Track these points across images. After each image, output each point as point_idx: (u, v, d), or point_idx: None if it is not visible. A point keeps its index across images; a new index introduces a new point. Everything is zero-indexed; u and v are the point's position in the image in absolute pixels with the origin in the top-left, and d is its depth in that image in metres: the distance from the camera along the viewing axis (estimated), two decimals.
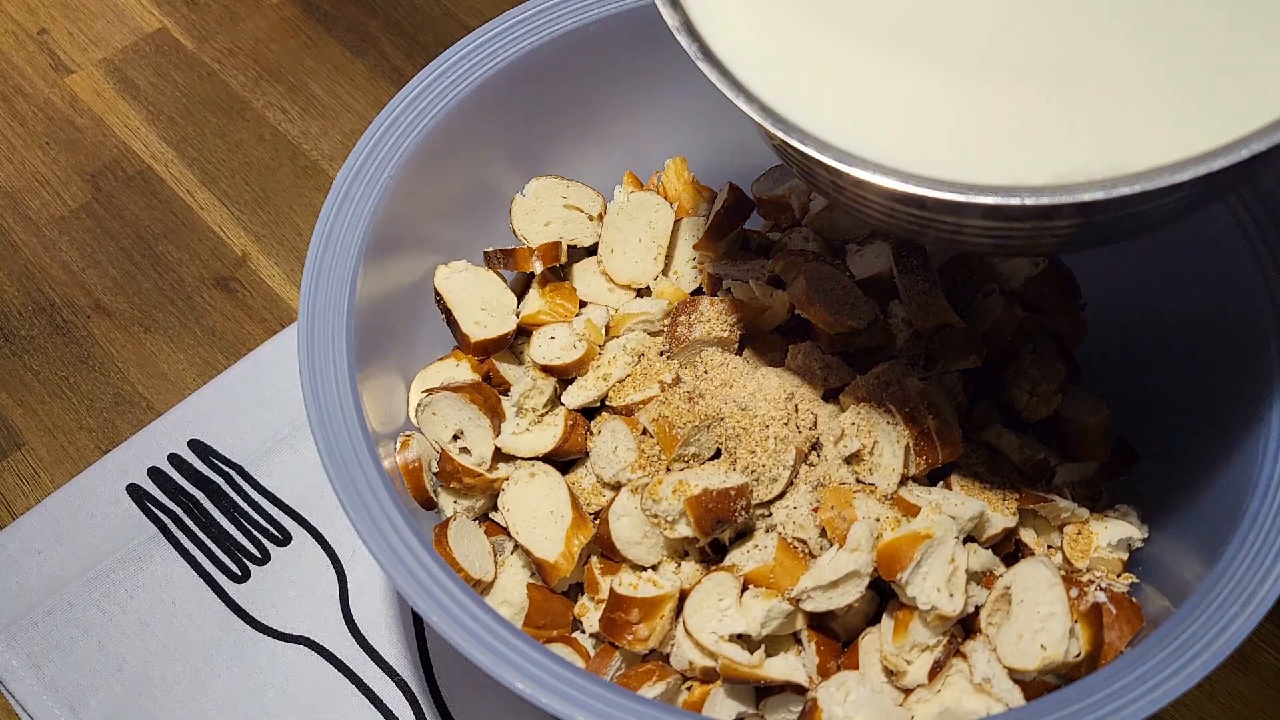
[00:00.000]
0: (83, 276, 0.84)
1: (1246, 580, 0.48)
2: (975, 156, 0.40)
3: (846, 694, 0.52)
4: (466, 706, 0.67)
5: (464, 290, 0.63)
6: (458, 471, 0.58)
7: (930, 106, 0.41)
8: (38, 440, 0.77)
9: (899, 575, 0.51)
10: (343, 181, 0.58)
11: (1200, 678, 0.45)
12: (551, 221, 0.66)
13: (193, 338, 0.82)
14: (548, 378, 0.61)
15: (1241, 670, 0.68)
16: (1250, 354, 0.54)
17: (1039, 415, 0.62)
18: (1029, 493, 0.58)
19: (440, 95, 0.61)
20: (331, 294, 0.55)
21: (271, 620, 0.70)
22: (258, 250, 0.86)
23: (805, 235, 0.68)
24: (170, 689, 0.67)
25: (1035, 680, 0.52)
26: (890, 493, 0.55)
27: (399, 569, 0.48)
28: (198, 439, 0.76)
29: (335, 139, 0.92)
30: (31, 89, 0.94)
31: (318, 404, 0.52)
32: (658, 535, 0.56)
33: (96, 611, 0.69)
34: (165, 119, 0.93)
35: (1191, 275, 0.59)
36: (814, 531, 0.55)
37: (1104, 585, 0.55)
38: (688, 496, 0.53)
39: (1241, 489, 0.52)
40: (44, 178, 0.89)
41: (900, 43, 0.42)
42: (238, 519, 0.73)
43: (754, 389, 0.58)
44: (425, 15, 0.99)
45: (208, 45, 0.97)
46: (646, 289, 0.66)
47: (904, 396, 0.56)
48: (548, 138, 0.67)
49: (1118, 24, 0.41)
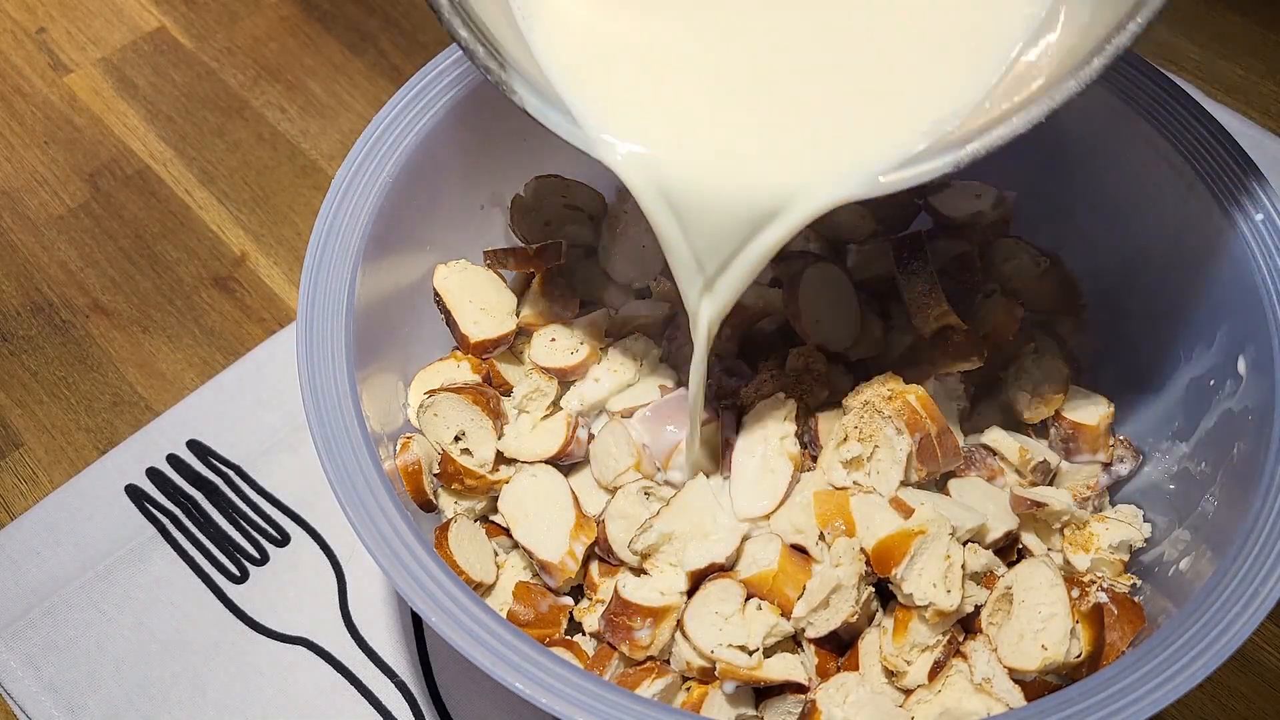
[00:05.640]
0: (81, 276, 0.84)
1: (1248, 581, 0.48)
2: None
3: (846, 695, 0.52)
4: (465, 707, 0.66)
5: (464, 290, 0.63)
6: (459, 473, 0.58)
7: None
8: (36, 440, 0.77)
9: (894, 571, 0.51)
10: (342, 181, 0.58)
11: (1202, 678, 0.45)
12: (551, 221, 0.66)
13: (191, 338, 0.81)
14: (550, 379, 0.61)
15: (1243, 671, 0.68)
16: (1252, 352, 0.54)
17: (1040, 416, 0.62)
18: (1030, 495, 0.58)
19: (439, 94, 0.61)
20: (330, 294, 0.55)
21: (270, 621, 0.70)
22: (256, 250, 0.86)
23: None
24: (169, 690, 0.67)
25: (1036, 680, 0.52)
26: (889, 497, 0.55)
27: (398, 569, 0.48)
28: (196, 439, 0.76)
29: (334, 138, 0.91)
30: (30, 88, 0.94)
31: (317, 404, 0.52)
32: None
33: (95, 612, 0.69)
34: (164, 118, 0.93)
35: (1192, 273, 0.59)
36: (814, 536, 0.54)
37: (1105, 586, 0.55)
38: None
39: (1243, 489, 0.51)
40: (42, 177, 0.89)
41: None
42: (236, 520, 0.73)
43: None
44: (424, 14, 0.99)
45: (206, 44, 0.97)
46: (646, 289, 0.66)
47: (904, 402, 0.56)
48: (547, 137, 0.67)
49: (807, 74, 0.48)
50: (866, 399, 0.57)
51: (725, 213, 0.48)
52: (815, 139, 0.47)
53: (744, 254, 0.48)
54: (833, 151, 0.47)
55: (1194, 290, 0.59)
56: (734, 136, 0.48)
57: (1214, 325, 0.57)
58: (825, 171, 0.47)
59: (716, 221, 0.48)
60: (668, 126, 0.48)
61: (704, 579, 0.54)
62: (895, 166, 0.46)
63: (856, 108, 0.48)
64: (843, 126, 0.47)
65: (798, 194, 0.46)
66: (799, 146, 0.47)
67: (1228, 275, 0.56)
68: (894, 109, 0.47)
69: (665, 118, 0.48)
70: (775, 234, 0.47)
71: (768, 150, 0.48)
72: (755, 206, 0.47)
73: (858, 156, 0.47)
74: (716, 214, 0.48)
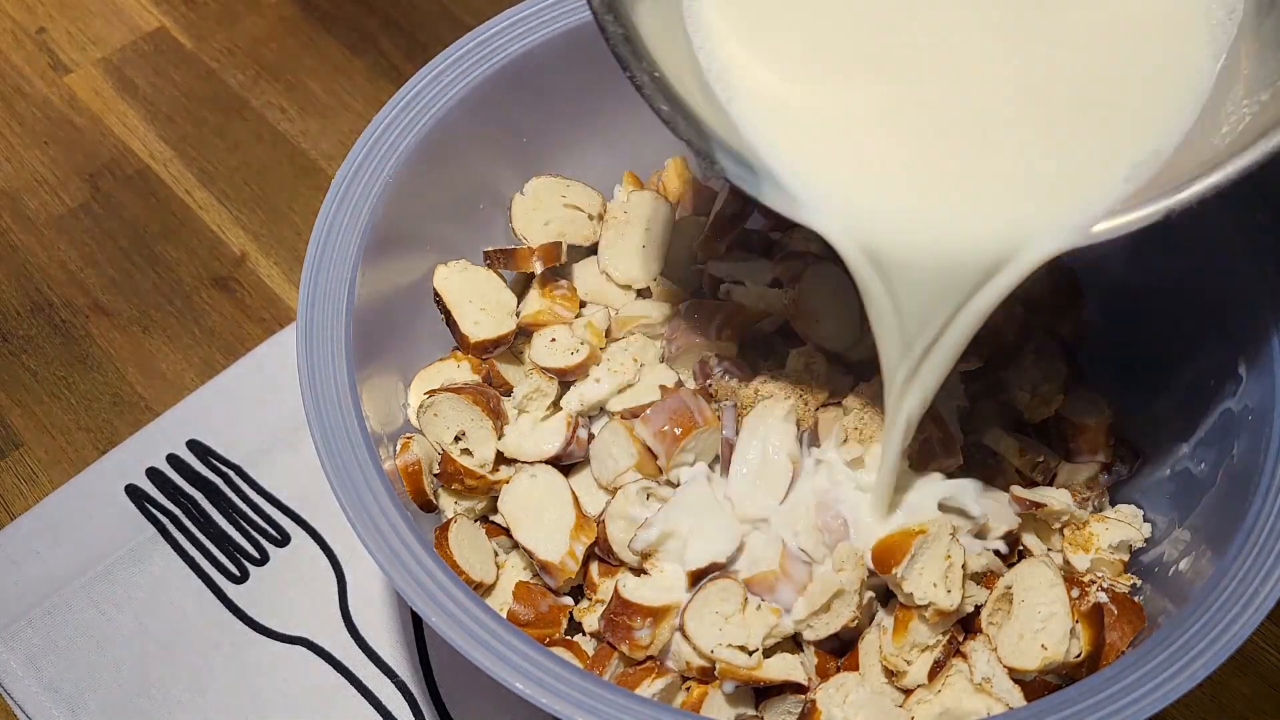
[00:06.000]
0: (81, 276, 0.84)
1: (1248, 580, 0.48)
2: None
3: (845, 695, 0.52)
4: (465, 707, 0.66)
5: (463, 290, 0.63)
6: (460, 473, 0.58)
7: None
8: (36, 440, 0.77)
9: (894, 570, 0.51)
10: (342, 181, 0.58)
11: (1202, 678, 0.45)
12: (551, 221, 0.66)
13: (191, 337, 0.81)
14: (551, 380, 0.61)
15: (1243, 671, 0.68)
16: (1253, 352, 0.54)
17: (1040, 416, 0.62)
18: (1030, 495, 0.58)
19: (439, 94, 0.61)
20: (330, 294, 0.55)
21: (270, 621, 0.70)
22: (256, 250, 0.86)
23: (806, 235, 0.67)
24: (169, 690, 0.67)
25: (1036, 680, 0.52)
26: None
27: (398, 569, 0.48)
28: (196, 439, 0.76)
29: (334, 138, 0.91)
30: (30, 88, 0.94)
31: (317, 404, 0.52)
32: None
33: (95, 612, 0.69)
34: (164, 118, 0.93)
35: (1192, 273, 0.59)
36: (815, 538, 0.54)
37: (1105, 586, 0.55)
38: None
39: (1243, 489, 0.51)
40: (42, 177, 0.89)
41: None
42: (236, 519, 0.73)
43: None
44: (424, 14, 0.99)
45: (206, 44, 0.97)
46: (647, 289, 0.66)
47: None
48: (547, 137, 0.67)
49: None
50: (868, 399, 0.57)
51: (941, 272, 0.47)
52: (1026, 192, 0.47)
53: (955, 323, 0.48)
54: (1045, 202, 0.47)
55: (1194, 290, 0.59)
56: (944, 195, 0.48)
57: (1214, 325, 0.57)
58: (1040, 222, 0.46)
59: (932, 284, 0.48)
60: (876, 189, 0.48)
61: (704, 579, 0.54)
62: (1104, 215, 0.46)
63: (1057, 156, 0.48)
64: (1047, 177, 0.47)
65: (1020, 245, 0.46)
66: (1011, 200, 0.47)
67: (1228, 275, 0.56)
68: (1093, 156, 0.47)
69: (872, 180, 0.48)
70: (993, 291, 0.47)
71: (981, 205, 0.47)
72: (972, 263, 0.47)
73: (1069, 206, 0.46)
74: (932, 275, 0.47)
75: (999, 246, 0.46)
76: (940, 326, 0.48)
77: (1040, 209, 0.47)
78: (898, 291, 0.48)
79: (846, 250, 0.48)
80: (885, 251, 0.47)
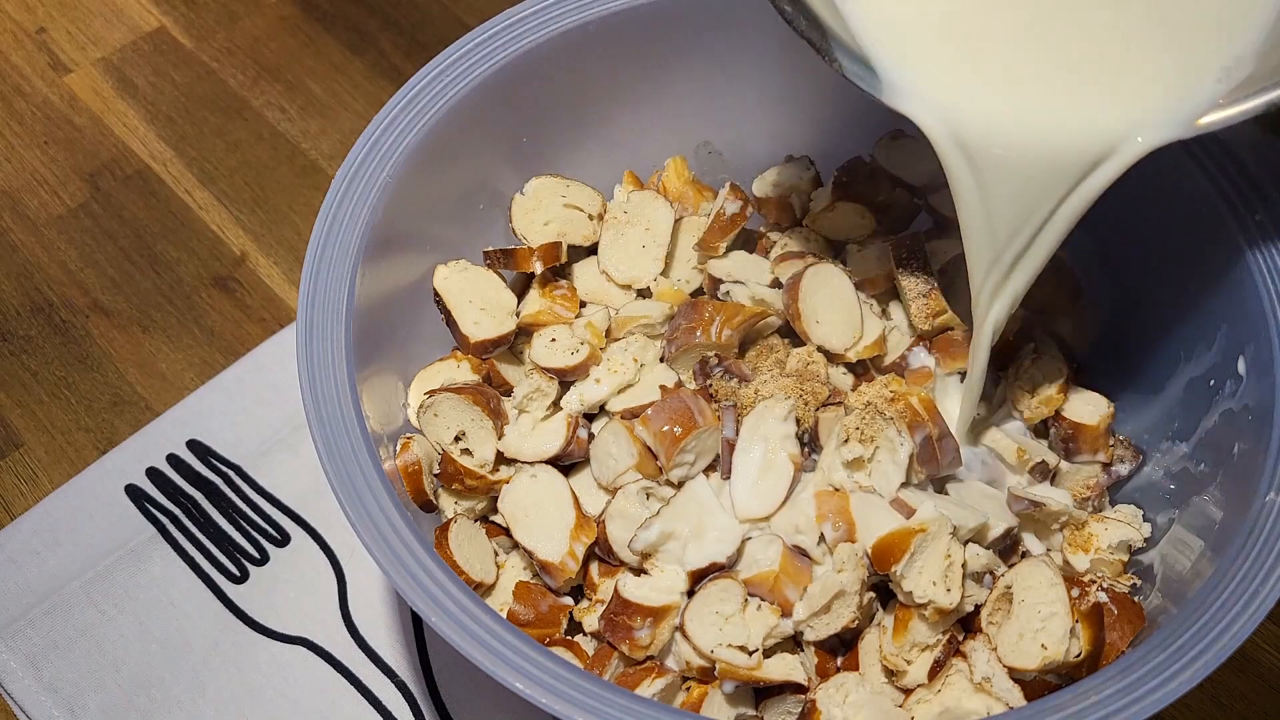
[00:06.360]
0: (81, 276, 0.84)
1: (1248, 581, 0.48)
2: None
3: (845, 695, 0.52)
4: (465, 707, 0.66)
5: (463, 290, 0.63)
6: (460, 473, 0.58)
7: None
8: (36, 440, 0.77)
9: (894, 569, 0.51)
10: (342, 181, 0.58)
11: (1202, 678, 0.45)
12: (551, 221, 0.66)
13: (191, 338, 0.81)
14: (551, 380, 0.61)
15: (1243, 671, 0.68)
16: (1252, 352, 0.54)
17: (1040, 415, 0.62)
18: (1029, 495, 0.58)
19: (439, 94, 0.61)
20: (330, 294, 0.55)
21: (270, 621, 0.70)
22: (256, 250, 0.86)
23: (806, 235, 0.68)
24: (168, 690, 0.67)
25: (1036, 680, 0.52)
26: (890, 498, 0.55)
27: (398, 569, 0.48)
28: (196, 439, 0.76)
29: (334, 138, 0.91)
30: (30, 88, 0.94)
31: (317, 405, 0.52)
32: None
33: (95, 612, 0.69)
34: (164, 118, 0.93)
35: (1192, 273, 0.59)
36: (815, 537, 0.54)
37: (1105, 586, 0.55)
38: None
39: (1243, 489, 0.51)
40: (42, 177, 0.89)
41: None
42: (236, 519, 0.73)
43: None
44: (424, 13, 0.99)
45: (206, 44, 0.97)
46: (647, 289, 0.66)
47: (907, 404, 0.56)
48: (547, 137, 0.67)
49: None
50: (869, 399, 0.57)
51: (1038, 167, 0.48)
52: (1131, 87, 0.48)
53: (1055, 218, 0.49)
54: (1149, 98, 0.48)
55: (1194, 290, 0.59)
56: (1046, 87, 0.49)
57: (1214, 325, 0.57)
58: (1146, 116, 0.48)
59: (1029, 179, 0.49)
60: (980, 81, 0.49)
61: (704, 579, 0.54)
62: (1206, 109, 0.47)
63: (1156, 56, 0.49)
64: (1147, 75, 0.48)
65: (1123, 137, 0.47)
66: (1115, 95, 0.48)
67: (1228, 275, 0.56)
68: (1190, 56, 0.48)
69: (976, 73, 0.49)
70: (1094, 183, 0.48)
71: (1084, 100, 0.48)
72: (1075, 156, 0.48)
73: (1172, 101, 0.48)
74: (1030, 170, 0.48)
75: (1102, 140, 0.48)
76: (1034, 229, 0.50)
77: (1146, 104, 0.48)
78: (993, 195, 0.49)
79: (942, 143, 0.49)
80: (985, 149, 0.49)
